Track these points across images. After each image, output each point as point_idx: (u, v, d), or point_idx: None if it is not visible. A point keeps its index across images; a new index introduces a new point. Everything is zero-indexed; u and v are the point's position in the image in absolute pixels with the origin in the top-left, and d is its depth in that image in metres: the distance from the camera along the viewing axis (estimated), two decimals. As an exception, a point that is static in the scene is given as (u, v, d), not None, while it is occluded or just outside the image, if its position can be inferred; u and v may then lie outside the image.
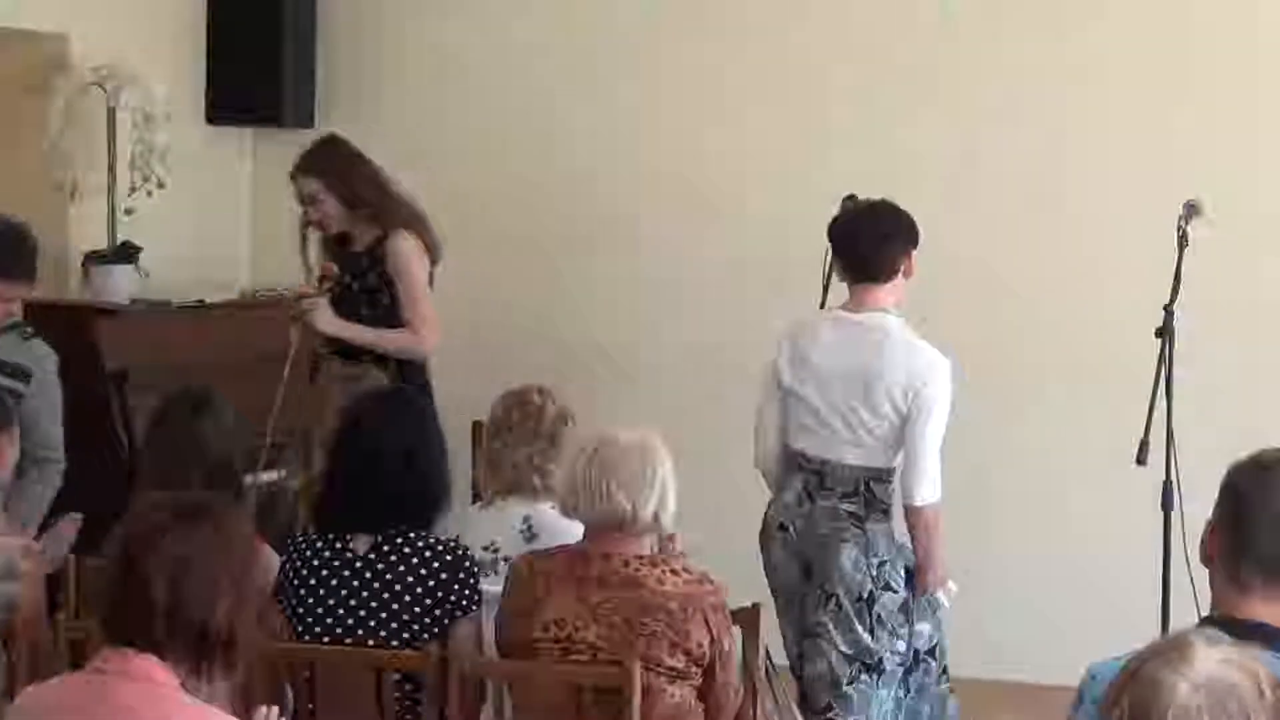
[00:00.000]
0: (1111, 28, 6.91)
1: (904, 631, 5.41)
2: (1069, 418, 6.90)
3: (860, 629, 5.34)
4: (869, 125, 6.83)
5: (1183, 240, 5.75)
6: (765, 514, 5.56)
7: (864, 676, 5.38)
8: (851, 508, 5.38)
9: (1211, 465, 3.33)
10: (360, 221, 6.29)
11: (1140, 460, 5.46)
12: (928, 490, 5.32)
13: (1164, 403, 5.56)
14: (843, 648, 5.36)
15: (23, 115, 7.06)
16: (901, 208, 5.54)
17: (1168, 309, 5.62)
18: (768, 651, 4.87)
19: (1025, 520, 6.95)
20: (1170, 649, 2.38)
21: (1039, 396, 6.95)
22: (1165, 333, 5.60)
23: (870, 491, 5.38)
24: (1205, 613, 3.09)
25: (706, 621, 4.21)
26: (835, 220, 5.65)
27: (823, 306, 5.92)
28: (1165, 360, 5.60)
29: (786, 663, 5.52)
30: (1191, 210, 5.84)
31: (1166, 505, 5.58)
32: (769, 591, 5.49)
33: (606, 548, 4.26)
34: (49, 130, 6.89)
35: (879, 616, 5.37)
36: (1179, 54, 6.83)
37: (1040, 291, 6.97)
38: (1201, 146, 6.75)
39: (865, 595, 5.35)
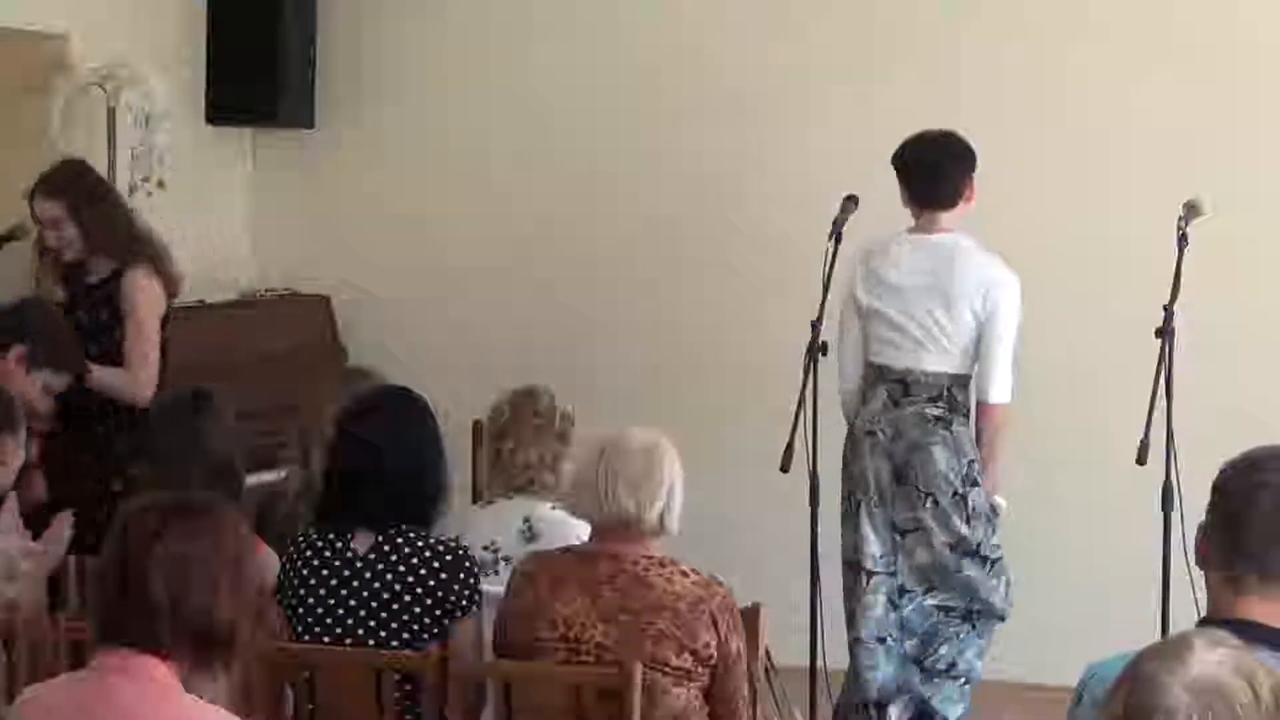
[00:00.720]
0: (1112, 27, 6.91)
1: (996, 524, 5.89)
2: (1069, 417, 6.90)
3: (958, 521, 5.81)
4: (868, 125, 6.82)
5: (1183, 240, 5.75)
6: (851, 427, 5.95)
7: (967, 562, 5.85)
8: (938, 411, 5.82)
9: (1211, 465, 3.32)
10: (98, 252, 5.91)
11: (1140, 460, 5.46)
12: (999, 389, 5.82)
13: (1164, 403, 5.56)
14: (944, 538, 5.82)
15: (23, 115, 7.06)
16: (957, 134, 5.94)
17: (1168, 309, 5.62)
18: (768, 651, 4.86)
19: (1025, 520, 6.93)
20: (1168, 650, 2.37)
21: (1039, 396, 6.93)
22: (1165, 333, 5.60)
23: (953, 395, 5.83)
24: (1205, 613, 3.08)
25: (714, 623, 4.20)
26: (899, 151, 5.97)
27: (823, 306, 5.94)
28: (1165, 360, 5.59)
29: (786, 661, 5.52)
30: (1191, 210, 5.85)
31: (1166, 505, 5.58)
32: (850, 487, 5.90)
33: (614, 548, 4.25)
34: (49, 130, 6.88)
35: (973, 508, 5.82)
36: (1180, 54, 6.83)
37: (1040, 291, 6.96)
38: (1201, 146, 6.75)
39: (960, 492, 5.80)
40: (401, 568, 4.40)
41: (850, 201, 6.15)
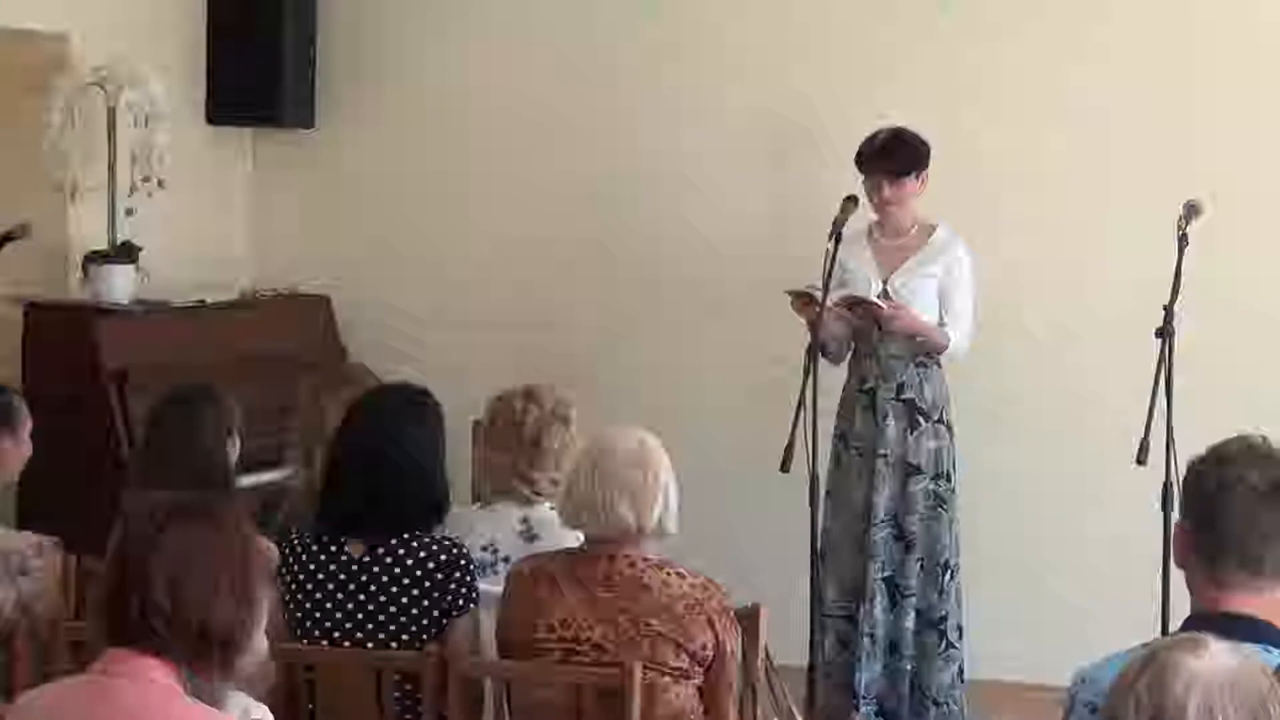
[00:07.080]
0: (1113, 27, 6.91)
1: None
2: (1069, 417, 6.90)
3: None
4: (866, 124, 6.81)
5: (1183, 240, 5.75)
6: None
7: None
8: None
9: (1211, 465, 3.32)
10: None
11: (1140, 460, 5.46)
12: None
13: (1164, 403, 5.56)
14: None
15: (23, 115, 7.05)
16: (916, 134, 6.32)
17: (1168, 309, 5.62)
18: (768, 651, 4.87)
19: (1025, 521, 6.94)
20: (1153, 673, 2.36)
21: (1039, 396, 6.94)
22: (1165, 333, 5.60)
23: None
24: (1191, 610, 3.07)
25: (711, 624, 4.20)
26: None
27: (822, 305, 5.94)
28: (1165, 360, 5.59)
29: (786, 661, 5.52)
30: (1191, 210, 5.85)
31: (1166, 505, 5.57)
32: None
33: (612, 550, 4.24)
34: (49, 130, 6.88)
35: None
36: (1180, 53, 6.83)
37: (1040, 292, 6.97)
38: (1202, 146, 6.75)
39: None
40: (397, 569, 4.40)
41: (850, 201, 6.15)
